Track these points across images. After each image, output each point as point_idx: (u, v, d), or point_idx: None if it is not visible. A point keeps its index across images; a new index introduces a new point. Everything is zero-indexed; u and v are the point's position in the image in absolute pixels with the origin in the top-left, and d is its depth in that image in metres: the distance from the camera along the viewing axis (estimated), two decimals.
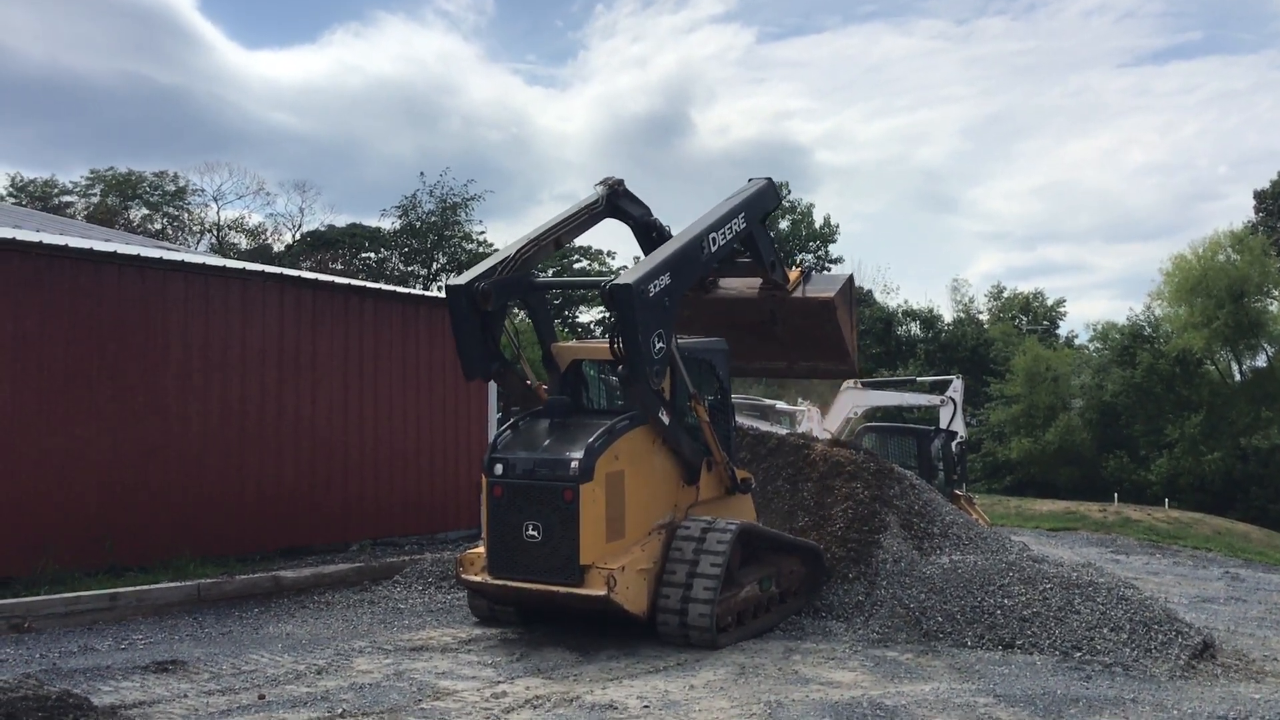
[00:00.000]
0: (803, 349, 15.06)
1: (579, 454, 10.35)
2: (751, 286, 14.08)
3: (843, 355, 14.92)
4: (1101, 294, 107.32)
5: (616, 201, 12.55)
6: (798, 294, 14.06)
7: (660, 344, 10.54)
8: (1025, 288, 74.23)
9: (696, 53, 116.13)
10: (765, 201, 13.40)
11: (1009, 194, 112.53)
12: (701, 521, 11.15)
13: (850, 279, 14.46)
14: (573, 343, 12.55)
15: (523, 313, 14.24)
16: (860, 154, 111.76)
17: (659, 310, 10.52)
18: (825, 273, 14.69)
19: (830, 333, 14.33)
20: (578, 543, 10.22)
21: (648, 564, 10.71)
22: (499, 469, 10.70)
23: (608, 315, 11.37)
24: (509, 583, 10.64)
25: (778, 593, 11.86)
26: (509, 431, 11.16)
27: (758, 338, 14.71)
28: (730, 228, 12.24)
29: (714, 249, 11.86)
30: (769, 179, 13.53)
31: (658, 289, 10.51)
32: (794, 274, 14.13)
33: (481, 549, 11.04)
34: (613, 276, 10.66)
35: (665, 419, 10.95)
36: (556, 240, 11.98)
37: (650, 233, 12.71)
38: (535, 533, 10.40)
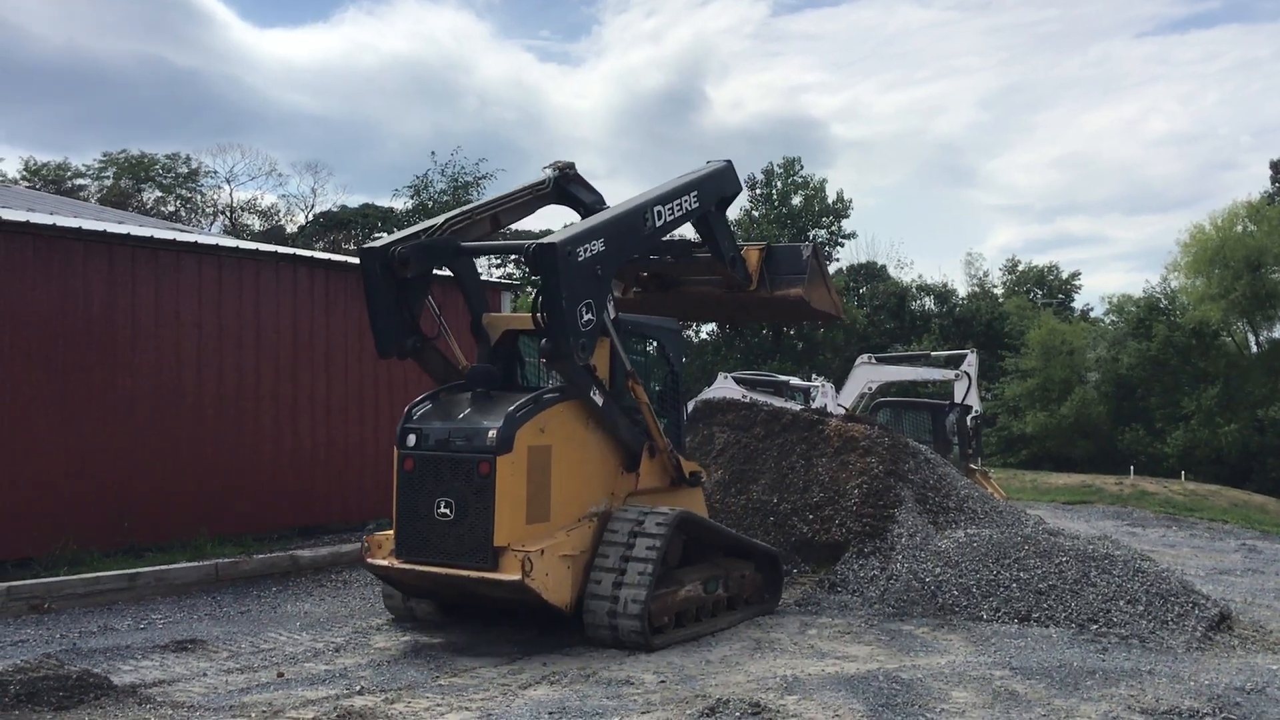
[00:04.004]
0: (784, 321, 14.89)
1: (498, 423, 9.41)
2: (715, 284, 13.01)
3: (826, 317, 14.38)
4: (1120, 266, 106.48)
5: (566, 186, 11.68)
6: (764, 293, 13.01)
7: (589, 315, 9.54)
8: (1043, 261, 73.92)
9: (710, 26, 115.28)
10: (723, 184, 12.17)
11: (1027, 166, 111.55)
12: (634, 511, 10.16)
13: (814, 251, 13.31)
14: (506, 313, 11.53)
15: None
16: (876, 127, 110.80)
17: (589, 277, 9.59)
18: (786, 246, 13.45)
19: (809, 312, 13.96)
20: (492, 522, 9.24)
21: (573, 551, 9.68)
22: (411, 440, 9.81)
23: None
24: (417, 566, 9.66)
25: (725, 597, 10.89)
26: (427, 402, 10.25)
27: (737, 308, 14.32)
28: (680, 204, 11.19)
29: (659, 223, 10.84)
30: (729, 161, 12.34)
31: (588, 254, 9.58)
32: (753, 257, 12.82)
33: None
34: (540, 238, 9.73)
35: (598, 399, 9.98)
36: (494, 217, 11.15)
37: None
38: (447, 510, 9.46)
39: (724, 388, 23.17)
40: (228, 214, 58.06)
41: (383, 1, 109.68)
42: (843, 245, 57.06)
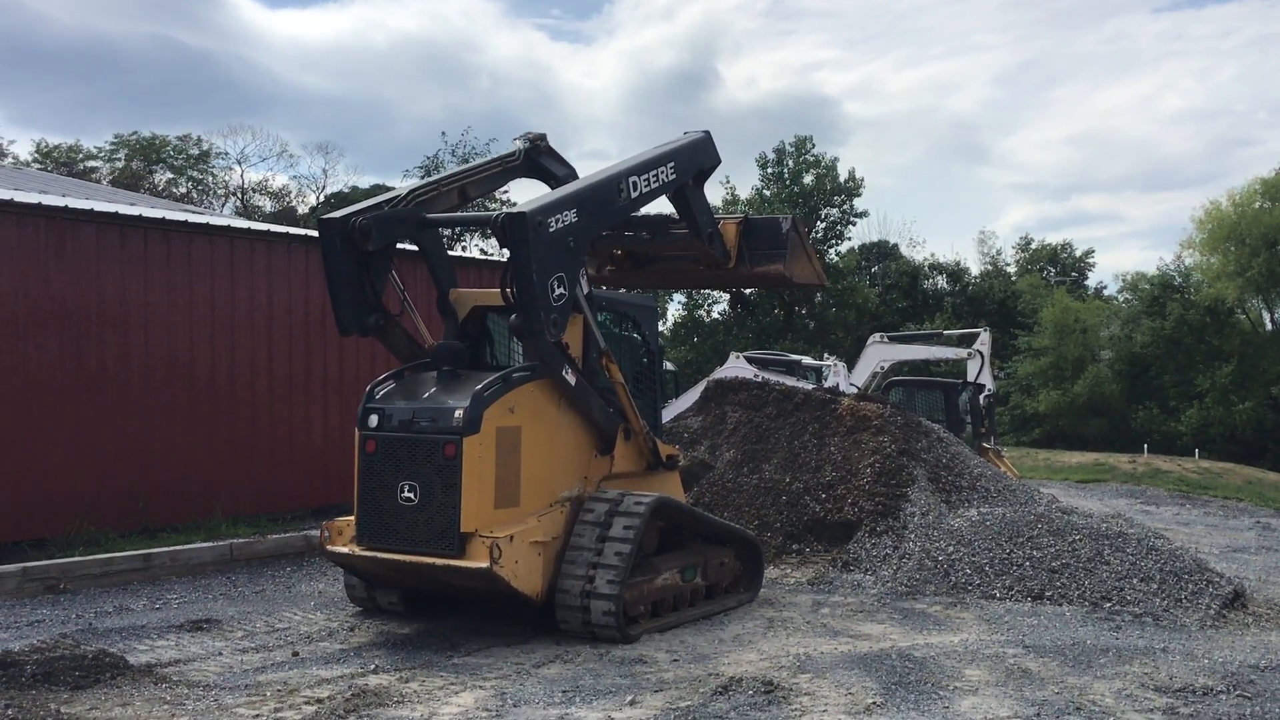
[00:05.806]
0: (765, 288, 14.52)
1: (465, 402, 8.93)
2: (693, 260, 12.38)
3: (808, 286, 14.02)
4: (1134, 244, 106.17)
5: (537, 158, 11.33)
6: (743, 269, 12.42)
7: (561, 289, 9.10)
8: (1056, 239, 73.56)
9: (722, 4, 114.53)
10: (701, 156, 11.65)
11: (1042, 143, 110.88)
12: (611, 494, 9.76)
13: (794, 223, 12.72)
14: (475, 289, 11.07)
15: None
16: (890, 105, 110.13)
17: (561, 250, 9.13)
18: (765, 218, 12.78)
19: (790, 286, 13.69)
20: (459, 506, 8.79)
21: (544, 537, 9.21)
22: (373, 420, 9.38)
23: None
24: (379, 554, 9.19)
25: (704, 585, 10.50)
26: (391, 381, 9.81)
27: (717, 282, 14.10)
28: (656, 175, 10.69)
29: (634, 195, 10.35)
30: (707, 132, 11.86)
31: (560, 225, 9.12)
32: (731, 232, 12.24)
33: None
34: (508, 208, 9.29)
35: (571, 379, 9.48)
36: (461, 189, 10.69)
37: None
38: (411, 495, 9.01)
39: (736, 367, 23.12)
40: (239, 195, 58.15)
41: None
42: (855, 224, 56.77)
